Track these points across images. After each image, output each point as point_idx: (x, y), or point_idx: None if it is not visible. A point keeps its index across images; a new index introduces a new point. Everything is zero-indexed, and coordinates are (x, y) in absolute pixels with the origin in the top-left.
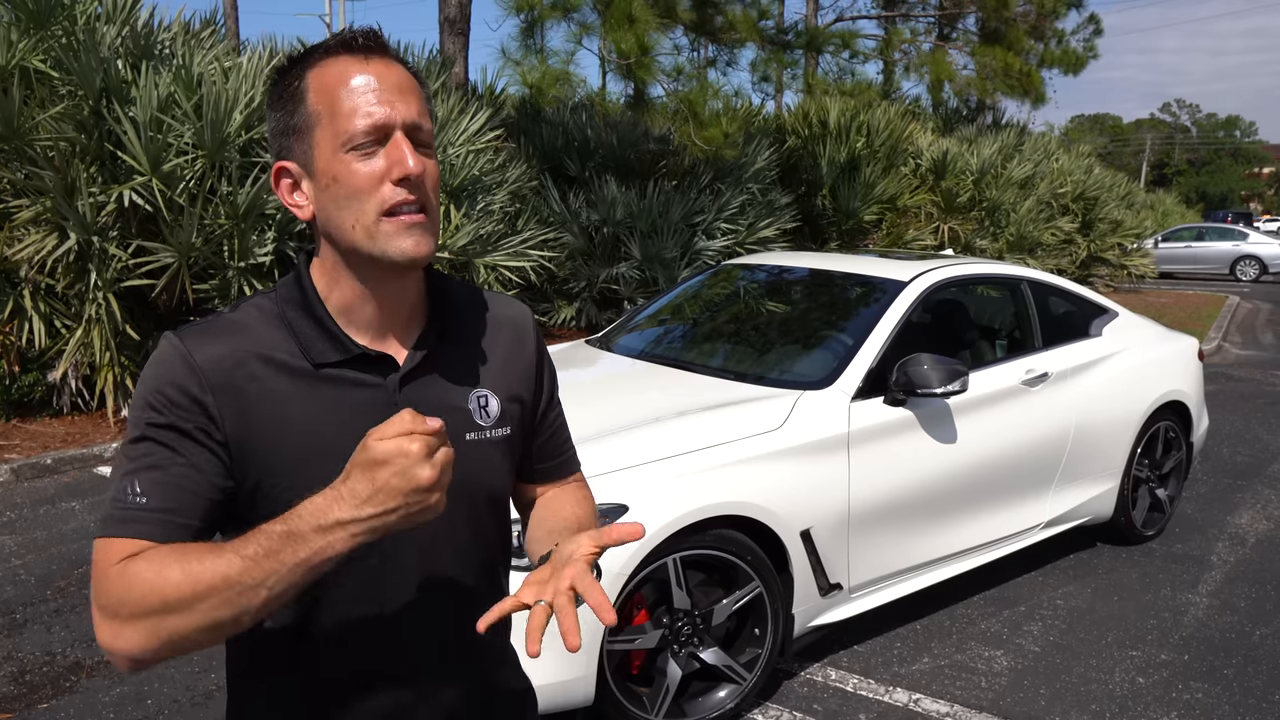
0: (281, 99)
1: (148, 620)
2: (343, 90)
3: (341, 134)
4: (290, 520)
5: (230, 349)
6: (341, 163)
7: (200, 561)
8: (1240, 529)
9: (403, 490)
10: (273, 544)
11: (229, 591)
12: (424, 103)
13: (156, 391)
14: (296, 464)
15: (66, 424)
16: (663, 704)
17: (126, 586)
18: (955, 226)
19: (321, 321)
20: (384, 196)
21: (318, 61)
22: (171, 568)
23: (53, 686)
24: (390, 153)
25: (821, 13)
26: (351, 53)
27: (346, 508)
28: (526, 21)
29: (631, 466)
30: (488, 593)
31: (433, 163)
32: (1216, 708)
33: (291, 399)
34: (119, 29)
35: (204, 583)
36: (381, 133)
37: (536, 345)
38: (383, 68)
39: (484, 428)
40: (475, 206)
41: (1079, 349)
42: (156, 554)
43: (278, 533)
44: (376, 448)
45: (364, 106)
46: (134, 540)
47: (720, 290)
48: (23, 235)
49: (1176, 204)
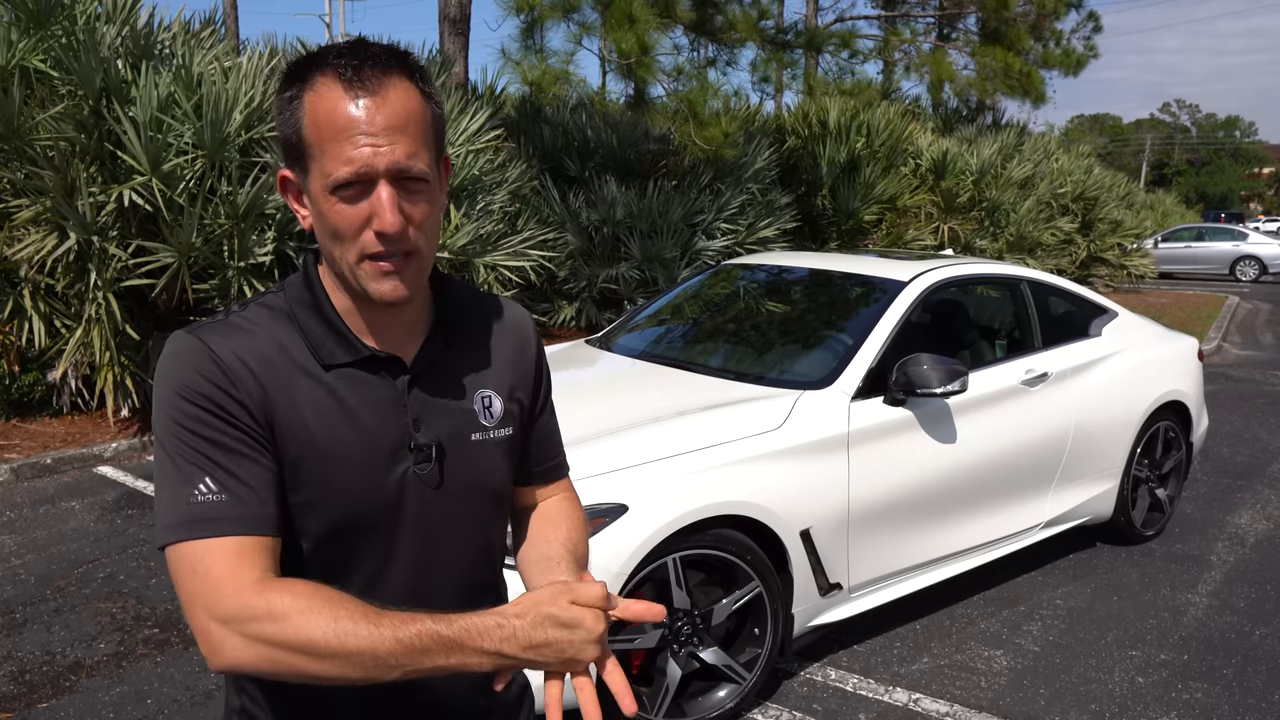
0: (283, 112)
1: (278, 651)
2: (329, 128)
3: (326, 175)
4: (455, 627)
5: (247, 344)
6: (327, 202)
7: (354, 622)
8: (1240, 529)
9: (567, 657)
10: (432, 642)
11: (370, 661)
12: (427, 128)
13: (187, 384)
14: (303, 462)
15: (66, 424)
16: (662, 703)
17: (266, 611)
18: (955, 226)
19: (331, 322)
20: (364, 244)
21: (312, 82)
22: (321, 614)
23: (52, 686)
24: (372, 203)
25: (821, 13)
26: (343, 81)
27: (513, 646)
28: (526, 22)
29: (631, 466)
30: (489, 589)
31: (422, 207)
32: (1216, 708)
33: (305, 397)
34: (119, 29)
35: (350, 647)
36: (364, 180)
37: (537, 349)
38: (374, 101)
39: (488, 428)
40: (475, 206)
41: (1079, 349)
42: (301, 589)
43: (440, 635)
44: (567, 612)
45: (347, 151)
46: (230, 538)
47: (720, 290)
48: (23, 235)
49: (1176, 204)
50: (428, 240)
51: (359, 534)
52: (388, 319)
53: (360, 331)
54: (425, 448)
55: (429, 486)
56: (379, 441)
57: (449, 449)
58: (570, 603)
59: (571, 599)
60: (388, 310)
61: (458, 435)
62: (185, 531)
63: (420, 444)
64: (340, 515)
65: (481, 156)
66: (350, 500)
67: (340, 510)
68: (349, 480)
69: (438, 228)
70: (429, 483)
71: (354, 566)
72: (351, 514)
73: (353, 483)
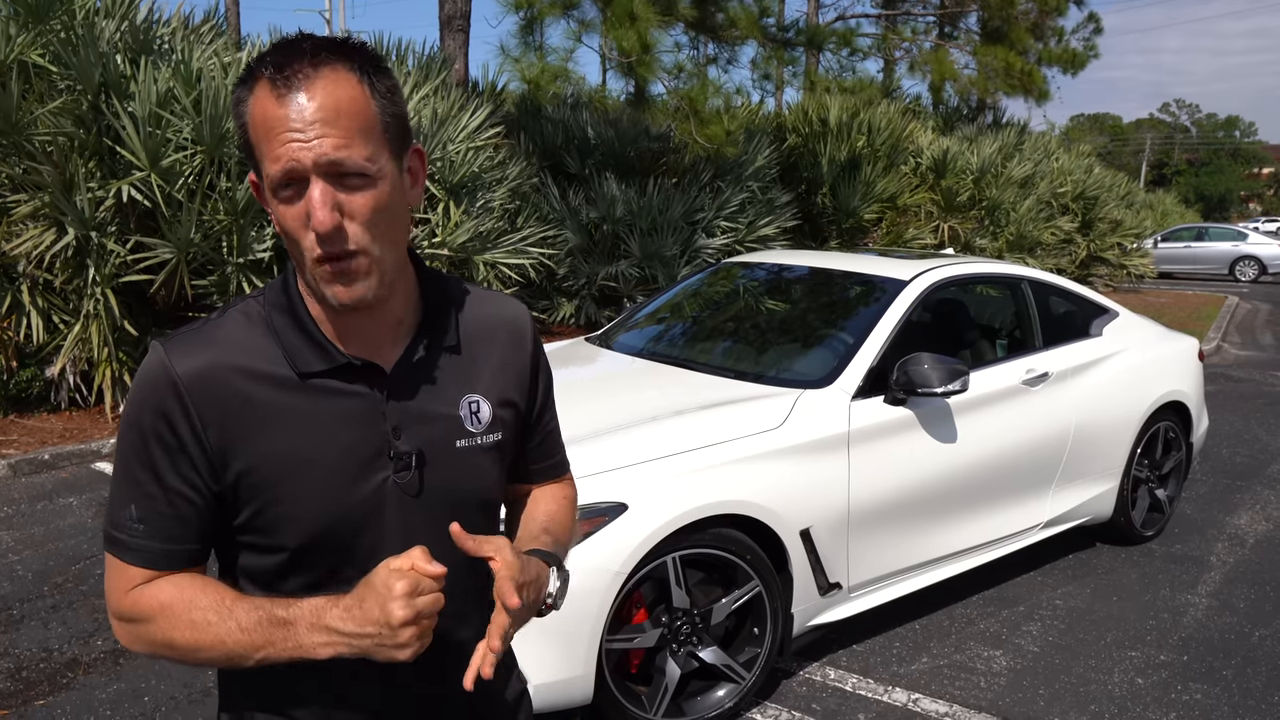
0: (237, 117)
1: (156, 646)
2: (261, 128)
3: (266, 177)
4: (291, 609)
5: (213, 361)
6: (274, 205)
7: (205, 618)
8: (1239, 529)
9: (375, 620)
10: (270, 627)
11: (225, 653)
12: (366, 118)
13: (143, 409)
14: (280, 476)
15: (64, 419)
16: (661, 703)
17: (140, 615)
18: (955, 225)
19: (307, 329)
20: (309, 245)
21: (252, 84)
22: (179, 618)
23: (49, 683)
24: (307, 201)
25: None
26: (270, 81)
27: (336, 617)
28: (525, 19)
29: (631, 465)
30: (478, 597)
31: (361, 202)
32: (1215, 709)
33: (275, 411)
34: (118, 23)
35: (205, 643)
36: (294, 177)
37: (533, 347)
38: (299, 98)
39: (475, 434)
40: (475, 203)
41: (1079, 349)
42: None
43: (278, 617)
44: (375, 573)
45: (275, 149)
46: (140, 570)
47: (720, 288)
48: (21, 230)
49: (1176, 204)
50: (381, 238)
51: (339, 543)
52: (363, 323)
53: (337, 337)
54: (405, 456)
55: (409, 495)
56: (356, 451)
57: (430, 457)
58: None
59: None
60: (358, 314)
61: (441, 442)
62: (108, 545)
63: (400, 452)
64: (318, 526)
65: (481, 153)
66: (327, 510)
67: (318, 521)
68: (324, 490)
69: (397, 224)
70: (408, 491)
71: (337, 575)
72: (329, 524)
73: (329, 493)
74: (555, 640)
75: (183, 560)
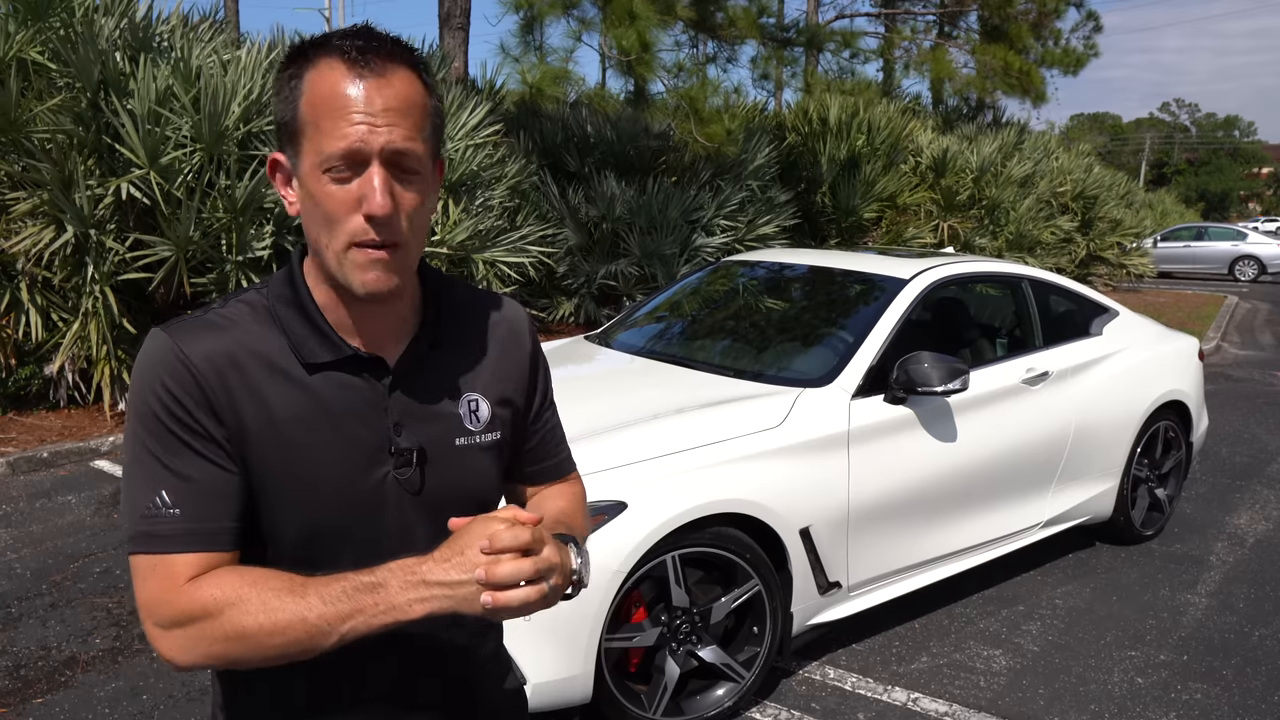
0: (281, 92)
1: (219, 643)
2: (329, 104)
3: (320, 153)
4: (378, 573)
5: (220, 345)
6: (318, 182)
7: (280, 598)
8: (1239, 529)
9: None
10: (358, 593)
11: (305, 631)
12: (426, 120)
13: (155, 392)
14: (284, 465)
15: (63, 417)
16: (661, 702)
17: (201, 610)
18: (955, 224)
19: (313, 320)
20: (353, 228)
21: (315, 61)
22: (249, 601)
23: (48, 681)
24: (363, 185)
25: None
26: (347, 60)
27: (433, 570)
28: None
29: (630, 463)
30: None
31: (413, 197)
32: (1215, 708)
33: (280, 400)
34: (117, 21)
35: (281, 623)
36: (357, 158)
37: (532, 347)
38: (376, 82)
39: (474, 433)
40: (474, 202)
41: (1079, 348)
42: (229, 580)
43: (365, 583)
44: (473, 522)
45: (343, 128)
46: (188, 557)
47: (719, 287)
48: (20, 228)
49: (1175, 203)
50: (415, 234)
51: (338, 538)
52: (371, 316)
53: (343, 329)
54: (406, 452)
55: (409, 492)
56: (358, 445)
57: (431, 454)
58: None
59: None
60: (371, 306)
61: (441, 440)
62: (141, 544)
63: (401, 448)
64: (318, 519)
65: (481, 152)
66: (327, 504)
67: (318, 514)
68: (325, 484)
69: (426, 225)
70: (409, 488)
71: (335, 571)
72: (329, 518)
73: (329, 486)
74: (554, 639)
75: (229, 540)
